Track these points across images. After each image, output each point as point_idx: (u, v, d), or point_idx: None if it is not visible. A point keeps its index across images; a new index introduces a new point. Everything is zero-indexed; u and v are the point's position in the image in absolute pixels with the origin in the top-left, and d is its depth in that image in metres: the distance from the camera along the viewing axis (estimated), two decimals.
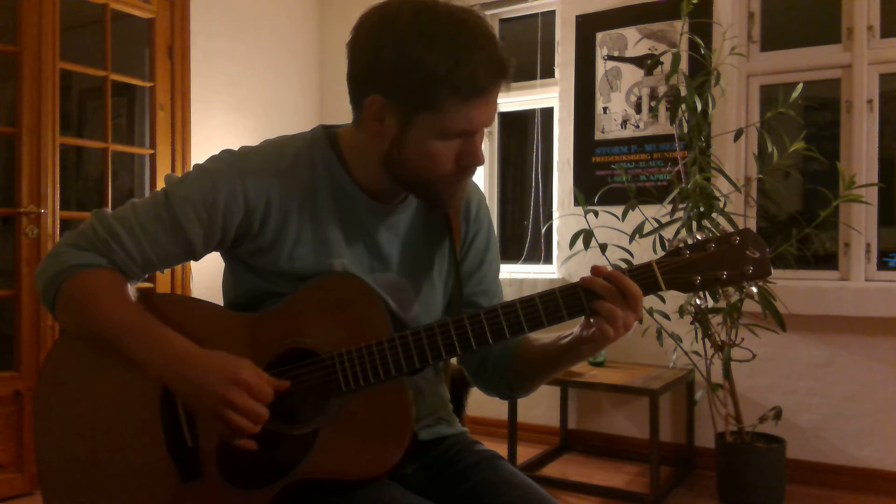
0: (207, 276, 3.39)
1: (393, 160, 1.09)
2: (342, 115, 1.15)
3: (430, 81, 1.00)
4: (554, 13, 3.87)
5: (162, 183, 1.85)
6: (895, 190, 3.21)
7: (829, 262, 3.26)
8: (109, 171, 3.26)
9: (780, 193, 3.44)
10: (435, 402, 1.28)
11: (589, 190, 3.46)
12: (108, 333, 1.08)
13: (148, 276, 1.40)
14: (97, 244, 1.10)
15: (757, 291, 2.26)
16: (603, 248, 2.95)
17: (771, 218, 3.58)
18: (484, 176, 4.09)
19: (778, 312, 2.66)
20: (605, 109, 3.59)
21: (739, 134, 2.99)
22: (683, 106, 2.92)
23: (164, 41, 3.46)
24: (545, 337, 1.19)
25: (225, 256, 1.21)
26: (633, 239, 2.94)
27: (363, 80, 1.07)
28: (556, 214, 3.79)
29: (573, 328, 1.13)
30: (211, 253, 1.18)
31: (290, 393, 1.07)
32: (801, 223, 2.79)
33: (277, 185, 1.13)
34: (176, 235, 1.11)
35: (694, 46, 3.03)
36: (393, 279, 1.19)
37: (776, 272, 2.61)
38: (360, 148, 1.14)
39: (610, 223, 3.20)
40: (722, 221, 2.84)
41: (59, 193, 3.02)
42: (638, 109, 3.51)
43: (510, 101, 4.01)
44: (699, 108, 2.89)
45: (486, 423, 3.64)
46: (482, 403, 2.45)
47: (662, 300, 2.94)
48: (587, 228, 2.95)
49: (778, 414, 2.93)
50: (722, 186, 2.96)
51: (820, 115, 3.44)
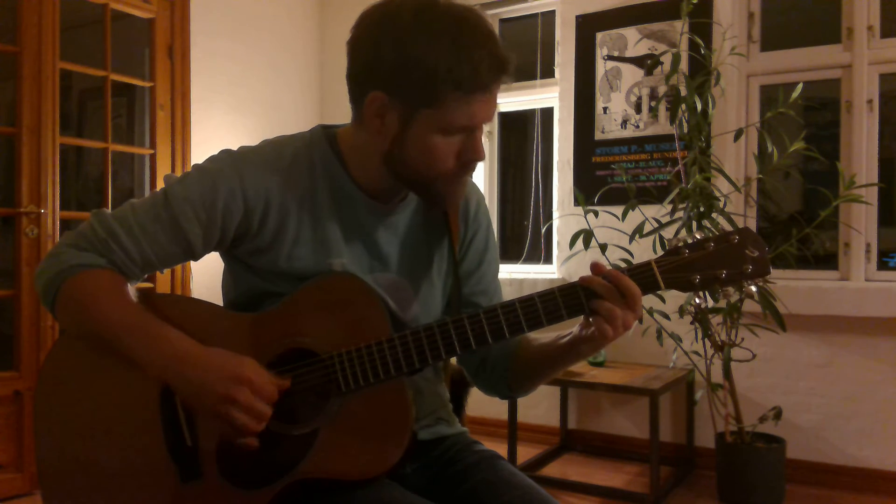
0: (207, 276, 3.39)
1: (394, 158, 1.09)
2: (342, 115, 1.15)
3: (431, 78, 1.01)
4: (554, 13, 3.87)
5: (162, 183, 1.85)
6: (895, 190, 3.21)
7: (829, 262, 3.26)
8: (109, 171, 3.26)
9: (780, 193, 3.44)
10: (434, 401, 1.28)
11: (589, 190, 3.46)
12: (107, 333, 1.08)
13: (148, 276, 1.40)
14: (97, 244, 1.10)
15: (757, 291, 2.25)
16: (603, 248, 2.95)
17: (771, 218, 3.58)
18: (484, 176, 4.09)
19: (778, 312, 2.66)
20: (605, 109, 3.59)
21: (739, 134, 2.99)
22: (683, 106, 2.92)
23: (164, 41, 3.46)
24: (544, 337, 1.19)
25: (224, 256, 1.21)
26: (633, 239, 2.94)
27: (364, 78, 1.07)
28: (556, 214, 3.79)
29: (572, 328, 1.13)
30: (210, 253, 1.18)
31: (289, 393, 1.07)
32: (801, 223, 2.79)
33: (276, 184, 1.13)
34: (175, 235, 1.11)
35: (694, 46, 3.03)
36: (392, 279, 1.19)
37: (776, 272, 2.61)
38: (359, 147, 1.14)
39: (610, 223, 3.20)
40: (722, 221, 2.83)
41: (59, 193, 3.03)
42: (638, 109, 3.51)
43: (510, 101, 4.01)
44: (699, 108, 2.89)
45: (486, 423, 3.64)
46: (482, 403, 2.45)
47: (662, 300, 2.94)
48: (587, 228, 2.95)
49: (778, 414, 2.93)
50: (722, 186, 2.96)
51: (820, 115, 3.44)
